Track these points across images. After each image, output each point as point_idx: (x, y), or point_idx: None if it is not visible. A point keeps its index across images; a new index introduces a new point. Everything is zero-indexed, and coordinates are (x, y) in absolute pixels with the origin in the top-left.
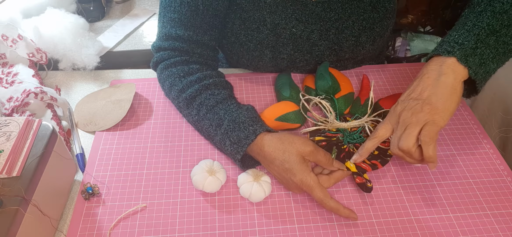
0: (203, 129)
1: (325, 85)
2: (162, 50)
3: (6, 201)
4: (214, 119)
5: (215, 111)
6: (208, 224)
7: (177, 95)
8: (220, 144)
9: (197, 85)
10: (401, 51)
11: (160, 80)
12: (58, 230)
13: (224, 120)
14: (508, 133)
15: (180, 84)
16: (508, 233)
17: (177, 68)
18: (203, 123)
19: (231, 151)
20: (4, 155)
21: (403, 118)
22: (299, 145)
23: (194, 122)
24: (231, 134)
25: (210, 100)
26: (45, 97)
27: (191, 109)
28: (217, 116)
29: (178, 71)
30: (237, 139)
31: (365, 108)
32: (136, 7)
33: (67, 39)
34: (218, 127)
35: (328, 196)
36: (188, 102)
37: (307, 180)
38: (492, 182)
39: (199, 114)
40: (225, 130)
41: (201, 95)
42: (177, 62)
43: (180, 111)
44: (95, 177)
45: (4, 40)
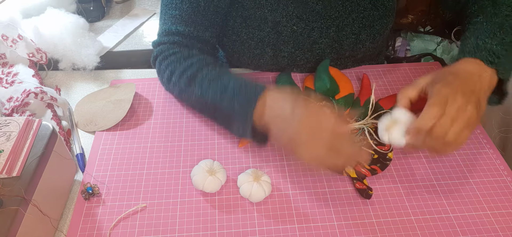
0: (207, 103)
1: (323, 88)
2: (162, 44)
3: (6, 201)
4: (218, 87)
5: (218, 81)
6: (208, 224)
7: (178, 78)
8: (227, 110)
9: (198, 64)
10: (401, 51)
11: (159, 72)
12: (58, 230)
13: (229, 85)
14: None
15: (180, 67)
16: (508, 233)
17: (176, 55)
18: (206, 96)
19: (241, 112)
20: (4, 155)
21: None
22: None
23: (197, 99)
24: (238, 95)
25: (212, 73)
26: (45, 97)
27: (193, 86)
28: (221, 83)
29: (178, 57)
30: (245, 97)
31: (365, 109)
32: (136, 7)
33: (67, 39)
34: (223, 92)
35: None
36: (189, 80)
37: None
38: (492, 182)
39: (202, 88)
40: (231, 93)
41: (202, 71)
42: (176, 52)
43: (181, 95)
44: (95, 177)
45: (4, 40)
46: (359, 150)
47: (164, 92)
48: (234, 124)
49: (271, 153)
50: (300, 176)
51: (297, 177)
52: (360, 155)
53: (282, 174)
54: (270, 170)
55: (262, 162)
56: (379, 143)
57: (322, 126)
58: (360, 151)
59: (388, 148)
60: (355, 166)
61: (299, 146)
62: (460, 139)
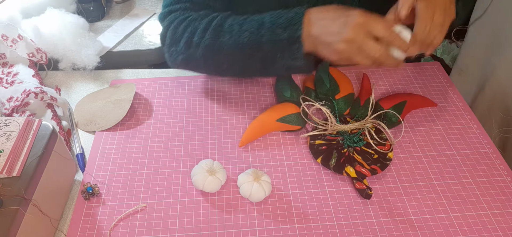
0: (244, 44)
1: (323, 88)
2: (173, 12)
3: (6, 201)
4: (252, 25)
5: (249, 21)
6: (208, 224)
7: (201, 36)
8: (270, 42)
9: (219, 16)
10: None
11: (173, 41)
12: (58, 230)
13: (264, 18)
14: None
15: (201, 25)
16: (508, 233)
17: (192, 15)
18: (241, 38)
19: (288, 36)
20: (4, 155)
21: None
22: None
23: (231, 46)
24: (278, 21)
25: (238, 18)
26: (45, 97)
27: (222, 36)
28: (254, 21)
29: (195, 17)
30: (288, 20)
31: (365, 109)
32: (136, 7)
33: (67, 39)
34: (260, 27)
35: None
36: (216, 33)
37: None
38: (492, 182)
39: (233, 34)
40: (270, 23)
41: (227, 20)
42: (192, 14)
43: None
44: (95, 177)
45: (4, 40)
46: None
47: (164, 92)
48: (280, 55)
49: (271, 153)
50: (300, 176)
51: (297, 177)
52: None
53: (282, 174)
54: (270, 170)
55: (262, 162)
56: (379, 143)
57: (374, 32)
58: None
59: (388, 148)
60: (356, 166)
61: (349, 56)
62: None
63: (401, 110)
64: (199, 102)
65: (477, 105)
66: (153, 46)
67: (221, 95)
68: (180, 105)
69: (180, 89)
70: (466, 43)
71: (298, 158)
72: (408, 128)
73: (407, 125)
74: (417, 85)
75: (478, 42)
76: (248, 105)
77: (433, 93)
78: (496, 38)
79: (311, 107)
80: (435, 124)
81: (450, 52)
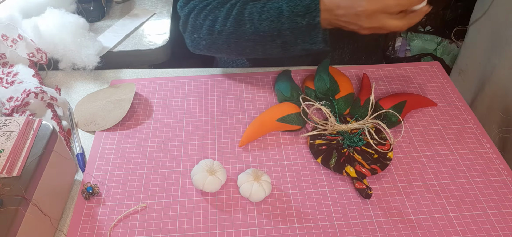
0: (265, 33)
1: (323, 87)
2: (191, 1)
3: (6, 200)
4: (271, 14)
5: (268, 8)
6: (208, 224)
7: (223, 24)
8: (290, 30)
9: (239, 4)
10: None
11: (195, 29)
12: (58, 229)
13: (282, 7)
14: (508, 133)
15: (222, 13)
16: (508, 233)
17: (212, 4)
18: (262, 27)
19: (307, 23)
20: (4, 154)
21: None
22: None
23: (252, 34)
24: (297, 9)
25: (257, 5)
26: (45, 97)
27: (243, 25)
28: (273, 9)
29: (214, 4)
30: (305, 9)
31: (365, 109)
32: (136, 7)
33: (67, 39)
34: (280, 16)
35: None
36: (237, 21)
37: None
38: (492, 182)
39: (254, 23)
40: (289, 12)
41: (246, 8)
42: (210, 2)
43: (231, 39)
44: (95, 177)
45: (4, 40)
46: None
47: (164, 92)
48: (300, 40)
49: (271, 153)
50: (300, 176)
51: (297, 177)
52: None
53: (282, 174)
54: (270, 170)
55: (262, 162)
56: (379, 143)
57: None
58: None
59: (388, 148)
60: (356, 166)
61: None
62: None
63: (401, 110)
64: (199, 102)
65: (477, 105)
66: (153, 46)
67: (221, 95)
68: (180, 105)
69: (180, 89)
70: (466, 43)
71: (298, 158)
72: (408, 128)
73: (407, 125)
74: (417, 85)
75: (478, 42)
76: (248, 105)
77: (433, 93)
78: (496, 38)
79: (311, 107)
80: (435, 124)
81: (450, 52)
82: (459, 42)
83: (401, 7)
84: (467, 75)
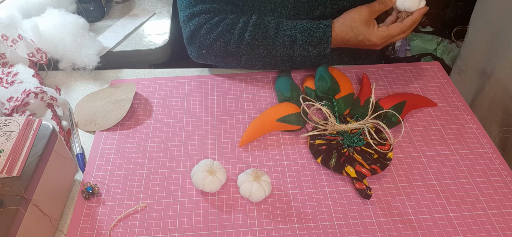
0: (277, 57)
1: (324, 86)
2: (196, 16)
3: (6, 200)
4: (285, 41)
5: (282, 35)
6: (208, 224)
7: (237, 46)
8: (302, 57)
9: (248, 27)
10: (401, 51)
11: (204, 45)
12: (58, 229)
13: (296, 35)
14: (508, 133)
15: (233, 37)
16: (508, 233)
17: (221, 26)
18: (275, 52)
19: (318, 52)
20: (4, 154)
21: None
22: (358, 17)
23: (265, 57)
24: (309, 40)
25: (269, 30)
26: (45, 97)
27: (257, 49)
28: (286, 37)
29: (224, 27)
30: (317, 40)
31: (365, 109)
32: (136, 7)
33: (67, 39)
34: (293, 43)
35: (403, 27)
36: (251, 45)
37: (382, 33)
38: (492, 182)
39: (267, 48)
40: (302, 41)
41: (259, 32)
42: (218, 21)
43: (242, 60)
44: (95, 177)
45: (4, 40)
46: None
47: (164, 92)
48: (309, 63)
49: (271, 153)
50: (300, 176)
51: (297, 177)
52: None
53: (282, 174)
54: (270, 170)
55: (262, 162)
56: (379, 143)
57: (370, 45)
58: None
59: (388, 148)
60: (356, 166)
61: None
62: None
63: (401, 110)
64: (199, 102)
65: (477, 105)
66: (153, 46)
67: (221, 95)
68: (180, 105)
69: (180, 89)
70: (466, 43)
71: (298, 158)
72: (408, 128)
73: (407, 125)
74: (417, 85)
75: (478, 42)
76: (248, 105)
77: (433, 93)
78: (496, 38)
79: (311, 107)
80: (435, 124)
81: (450, 52)
82: (459, 42)
83: (404, 35)
84: (467, 75)
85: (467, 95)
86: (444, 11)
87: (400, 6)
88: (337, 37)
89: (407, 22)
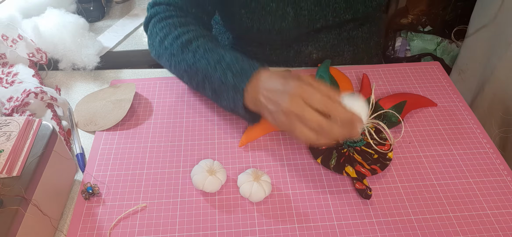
0: (199, 70)
1: None
2: (157, 5)
3: (6, 201)
4: (212, 57)
5: (213, 51)
6: (208, 224)
7: (172, 41)
8: (219, 81)
9: (193, 32)
10: (401, 51)
11: (151, 34)
12: (58, 229)
13: (225, 56)
14: (508, 133)
15: (175, 31)
16: (508, 233)
17: (173, 19)
18: (199, 64)
19: (234, 84)
20: (4, 155)
21: None
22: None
23: (189, 66)
24: (233, 66)
25: (208, 43)
26: (45, 97)
27: (186, 53)
28: (216, 54)
29: (174, 22)
30: (240, 69)
31: None
32: (136, 7)
33: (67, 39)
34: (218, 62)
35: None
36: (183, 46)
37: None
38: (492, 182)
39: (195, 57)
40: (227, 64)
41: (198, 40)
42: (172, 15)
43: (172, 60)
44: (95, 177)
45: (4, 40)
46: (351, 129)
47: (164, 92)
48: (225, 96)
49: (271, 153)
50: (300, 176)
51: (297, 177)
52: (352, 132)
53: (282, 174)
54: (270, 170)
55: (262, 162)
56: (379, 143)
57: (312, 103)
58: (352, 130)
59: (388, 148)
60: (356, 166)
61: (291, 128)
62: None
63: (401, 110)
64: (199, 102)
65: (477, 105)
66: None
67: None
68: (180, 105)
69: (180, 89)
70: (466, 43)
71: (298, 158)
72: (408, 128)
73: (407, 125)
74: (417, 85)
75: (478, 42)
76: None
77: (433, 93)
78: (496, 38)
79: None
80: (435, 124)
81: (450, 52)
82: (459, 42)
83: (322, 105)
84: (467, 75)
85: (467, 95)
86: (444, 11)
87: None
88: (261, 78)
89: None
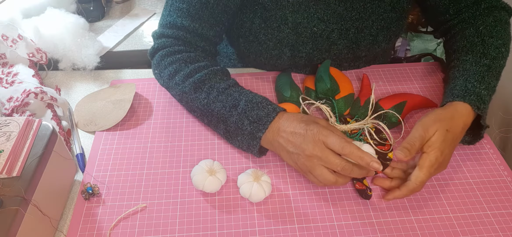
0: (214, 112)
1: (324, 87)
2: (165, 37)
3: (6, 201)
4: (227, 100)
5: (228, 93)
6: (208, 224)
7: (183, 79)
8: (235, 126)
9: (206, 70)
10: (401, 51)
11: (158, 66)
12: (58, 230)
13: (240, 101)
14: (508, 133)
15: (186, 69)
16: (508, 233)
17: (182, 54)
18: (214, 106)
19: (251, 131)
20: (4, 155)
21: (440, 169)
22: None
23: (203, 106)
24: (249, 113)
25: (221, 84)
26: (45, 97)
27: (200, 92)
28: (231, 97)
29: (184, 57)
30: (257, 117)
31: (365, 109)
32: (136, 7)
33: (67, 39)
34: (233, 108)
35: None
36: (196, 85)
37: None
38: (492, 182)
39: (209, 97)
40: (242, 110)
41: (210, 80)
42: (181, 50)
43: (183, 97)
44: (95, 177)
45: (4, 40)
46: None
47: (164, 92)
48: (240, 139)
49: (271, 153)
50: (300, 176)
51: (297, 177)
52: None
53: (282, 174)
54: (270, 170)
55: (262, 162)
56: (379, 143)
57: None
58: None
59: (388, 148)
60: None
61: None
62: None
63: (401, 110)
64: None
65: None
66: None
67: None
68: (180, 105)
69: None
70: None
71: None
72: (408, 128)
73: (407, 125)
74: (417, 85)
75: None
76: None
77: (433, 93)
78: None
79: (311, 107)
80: None
81: None
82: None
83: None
84: None
85: None
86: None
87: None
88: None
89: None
